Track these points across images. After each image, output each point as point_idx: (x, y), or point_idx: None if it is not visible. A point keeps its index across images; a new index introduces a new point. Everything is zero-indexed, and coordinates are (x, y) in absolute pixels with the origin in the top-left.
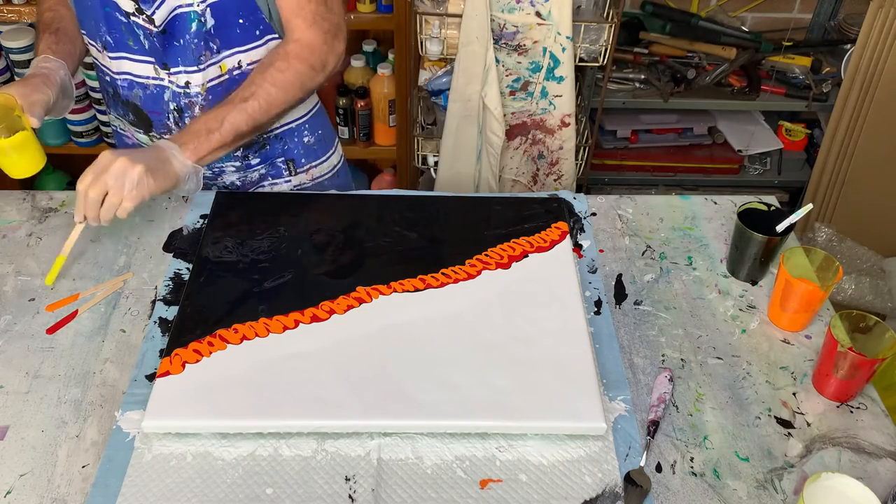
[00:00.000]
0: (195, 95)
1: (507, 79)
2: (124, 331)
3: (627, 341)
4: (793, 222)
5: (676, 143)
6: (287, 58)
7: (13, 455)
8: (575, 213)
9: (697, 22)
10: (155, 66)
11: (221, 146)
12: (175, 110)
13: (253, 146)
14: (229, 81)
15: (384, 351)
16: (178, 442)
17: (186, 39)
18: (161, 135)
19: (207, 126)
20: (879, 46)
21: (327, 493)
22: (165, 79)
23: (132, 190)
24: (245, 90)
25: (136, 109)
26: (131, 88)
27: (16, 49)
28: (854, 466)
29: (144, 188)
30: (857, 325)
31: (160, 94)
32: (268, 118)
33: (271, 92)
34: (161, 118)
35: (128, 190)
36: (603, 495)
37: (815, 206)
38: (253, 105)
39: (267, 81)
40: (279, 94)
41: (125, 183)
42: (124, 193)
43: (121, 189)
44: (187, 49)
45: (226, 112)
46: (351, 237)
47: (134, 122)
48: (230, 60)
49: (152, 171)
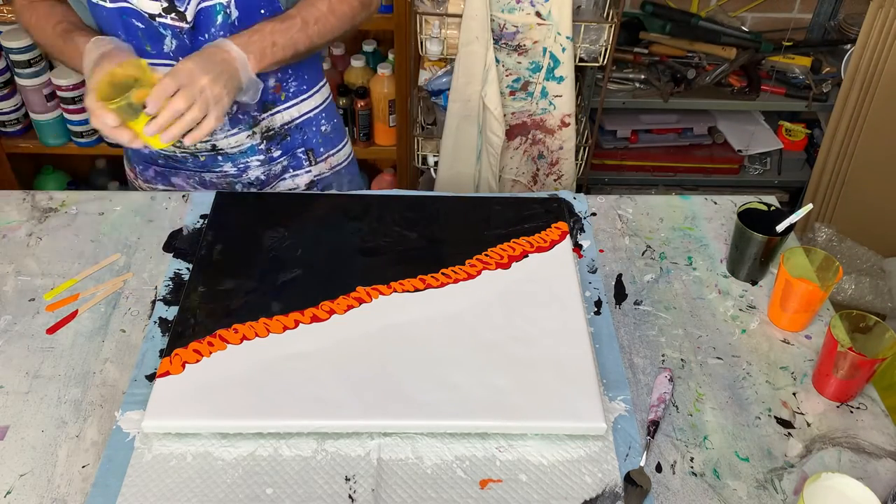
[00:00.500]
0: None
1: (507, 79)
2: (124, 331)
3: (627, 341)
4: (793, 222)
5: (676, 143)
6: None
7: (13, 455)
8: (575, 213)
9: (697, 22)
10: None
11: (279, 62)
12: None
13: (275, 139)
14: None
15: (384, 351)
16: (178, 442)
17: (212, 33)
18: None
19: (273, 38)
20: (879, 46)
21: (327, 493)
22: None
23: (215, 108)
24: (307, 11)
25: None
26: None
27: (16, 49)
28: (854, 466)
29: (223, 106)
30: (857, 325)
31: None
32: (321, 43)
33: (330, 20)
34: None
35: (212, 107)
36: (603, 495)
37: (815, 206)
38: (314, 29)
39: (327, 9)
40: (336, 22)
41: (210, 100)
42: (208, 111)
43: (205, 106)
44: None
45: (290, 28)
46: (351, 237)
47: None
48: None
49: (228, 87)
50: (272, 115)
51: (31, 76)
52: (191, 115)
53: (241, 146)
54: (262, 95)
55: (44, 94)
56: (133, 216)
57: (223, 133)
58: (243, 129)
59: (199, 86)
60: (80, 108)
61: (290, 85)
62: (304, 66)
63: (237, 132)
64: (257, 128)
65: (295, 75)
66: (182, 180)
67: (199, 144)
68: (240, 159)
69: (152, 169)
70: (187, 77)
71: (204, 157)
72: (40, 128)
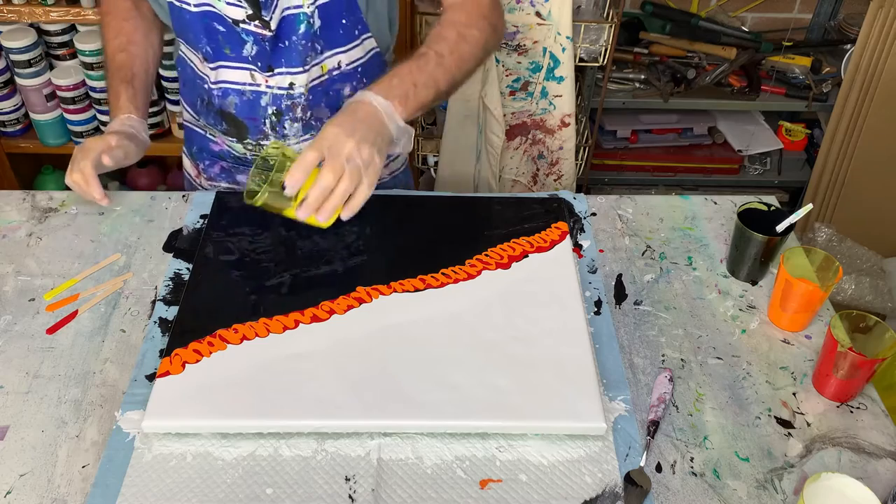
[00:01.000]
0: (298, 97)
1: (507, 79)
2: (124, 331)
3: (627, 341)
4: (793, 222)
5: (676, 143)
6: (468, 13)
7: (13, 455)
8: (575, 213)
9: (697, 22)
10: (252, 73)
11: (423, 104)
12: (273, 114)
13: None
14: (329, 81)
15: (384, 351)
16: (178, 442)
17: (293, 41)
18: (257, 141)
19: (413, 79)
20: (879, 46)
21: (327, 493)
22: (262, 84)
23: (368, 173)
24: (437, 44)
25: (230, 118)
26: (226, 97)
27: (16, 49)
28: (854, 466)
29: (376, 168)
30: (857, 325)
31: (257, 100)
32: (462, 76)
33: (464, 48)
34: (257, 124)
35: (364, 173)
36: (603, 495)
37: (815, 206)
38: (450, 60)
39: (456, 35)
40: (471, 49)
41: (360, 165)
42: (361, 178)
43: (357, 174)
44: (293, 51)
45: (426, 65)
46: (351, 237)
47: (226, 130)
48: (331, 61)
49: (378, 145)
50: None
51: (31, 76)
52: (342, 188)
53: None
54: (339, 104)
55: (44, 94)
56: (133, 216)
57: (295, 139)
58: (315, 135)
59: (345, 153)
60: (81, 108)
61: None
62: (376, 72)
63: (309, 138)
64: None
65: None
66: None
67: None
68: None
69: (219, 165)
70: (330, 145)
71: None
72: (40, 128)
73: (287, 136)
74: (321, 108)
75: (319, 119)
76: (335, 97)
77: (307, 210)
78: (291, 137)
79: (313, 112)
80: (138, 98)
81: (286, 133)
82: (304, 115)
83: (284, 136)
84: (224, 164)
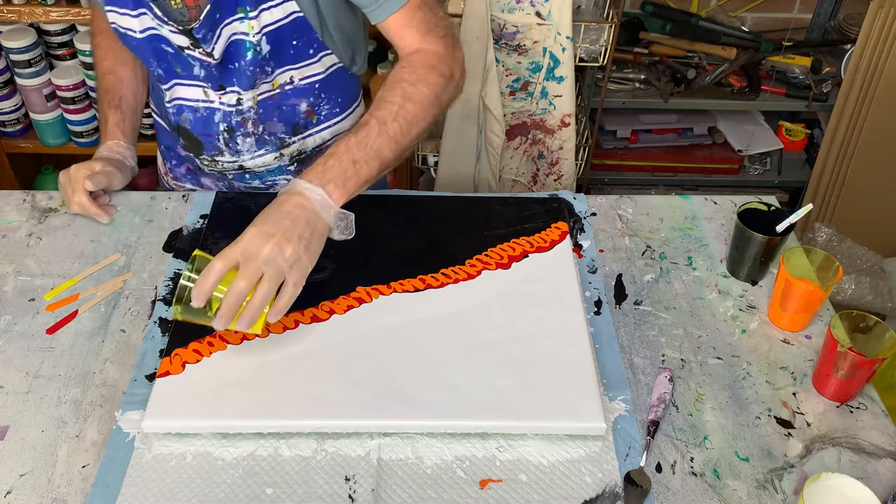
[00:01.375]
0: (247, 111)
1: (507, 79)
2: (124, 331)
3: (627, 341)
4: (793, 222)
5: (676, 143)
6: (414, 69)
7: (13, 455)
8: (575, 213)
9: (697, 22)
10: (204, 89)
11: (368, 179)
12: (225, 131)
13: (307, 161)
14: (281, 96)
15: (384, 351)
16: (178, 442)
17: (242, 65)
18: (212, 157)
19: (351, 156)
20: (879, 46)
21: (327, 493)
22: (216, 100)
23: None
24: (380, 110)
25: (186, 133)
26: (180, 113)
27: (16, 49)
28: (854, 466)
29: (303, 266)
30: (857, 325)
31: (210, 116)
32: (409, 140)
33: (409, 108)
34: (211, 140)
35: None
36: (603, 495)
37: (815, 206)
38: (394, 127)
39: (401, 97)
40: (418, 110)
41: (283, 265)
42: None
43: (277, 275)
44: (243, 74)
45: (367, 137)
46: (351, 237)
47: (184, 145)
48: (282, 77)
49: (307, 239)
50: (304, 139)
51: (31, 76)
52: (260, 293)
53: (268, 166)
54: (294, 119)
55: (44, 94)
56: (133, 216)
57: (249, 154)
58: (270, 150)
59: (262, 256)
60: (80, 107)
61: (323, 108)
62: (338, 88)
63: (264, 153)
64: (286, 150)
65: (327, 98)
66: (211, 182)
67: (226, 164)
68: (267, 177)
69: (184, 167)
70: (244, 249)
71: (231, 175)
72: (40, 128)
73: (241, 151)
74: (274, 123)
75: (273, 133)
76: (290, 112)
77: (220, 321)
78: (245, 153)
79: (265, 126)
80: (126, 123)
81: (240, 149)
82: (256, 130)
83: (238, 153)
84: (190, 166)
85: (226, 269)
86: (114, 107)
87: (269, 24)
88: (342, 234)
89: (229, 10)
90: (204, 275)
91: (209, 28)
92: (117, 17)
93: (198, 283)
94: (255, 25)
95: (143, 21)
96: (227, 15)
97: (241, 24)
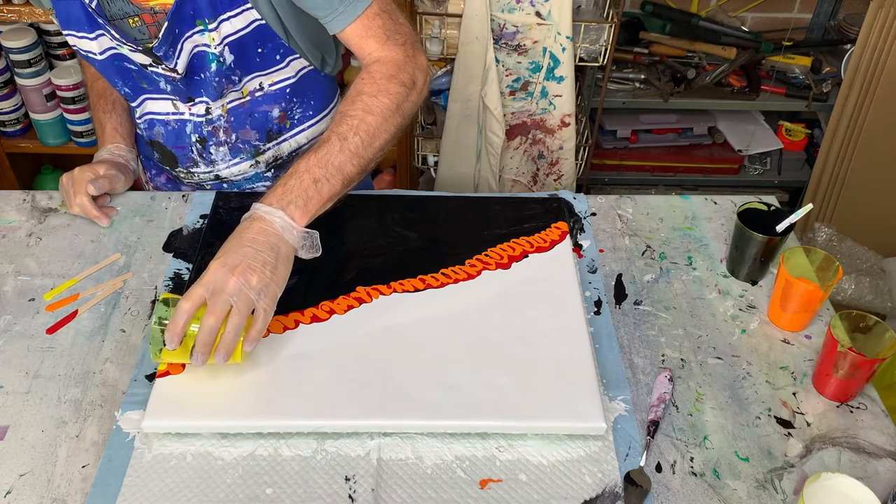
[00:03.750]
0: (217, 119)
1: (507, 79)
2: (124, 331)
3: (627, 341)
4: (793, 222)
5: (676, 143)
6: (374, 80)
7: (13, 455)
8: (575, 213)
9: (697, 22)
10: (174, 102)
11: (332, 196)
12: (198, 142)
13: (284, 166)
14: (251, 103)
15: (384, 351)
16: (178, 442)
17: (207, 76)
18: (188, 169)
19: (312, 175)
20: (879, 46)
21: (327, 493)
22: (186, 112)
23: (262, 299)
24: (340, 126)
25: (160, 147)
26: (152, 128)
27: (16, 49)
28: (854, 466)
29: (272, 291)
30: (857, 325)
31: (182, 129)
32: (372, 153)
33: (370, 121)
34: (185, 152)
35: (258, 301)
36: (603, 495)
37: (815, 206)
38: (355, 141)
39: (361, 111)
40: (379, 122)
41: (250, 295)
42: (255, 306)
43: (246, 306)
44: (209, 84)
45: (327, 154)
46: (351, 237)
47: (160, 159)
48: (251, 84)
49: (271, 264)
50: (278, 145)
51: (31, 76)
52: (231, 325)
53: (244, 174)
54: (267, 125)
55: (44, 94)
56: (133, 216)
57: (224, 163)
58: (245, 158)
59: (228, 289)
60: (80, 108)
61: (296, 112)
62: (311, 91)
63: (239, 161)
64: (262, 157)
65: (300, 102)
66: (191, 189)
67: (202, 175)
68: (245, 185)
69: (164, 175)
70: (208, 285)
71: (209, 186)
72: (40, 128)
73: (215, 161)
74: (246, 130)
75: (246, 141)
76: (262, 118)
77: (198, 357)
78: (220, 163)
79: (238, 135)
80: (123, 126)
81: (214, 159)
82: (229, 139)
83: (213, 162)
84: (169, 174)
85: (194, 308)
86: (108, 111)
87: (230, 35)
88: (309, 252)
89: (188, 23)
90: (174, 317)
91: (170, 44)
92: (76, 41)
93: (169, 325)
94: (216, 37)
95: (101, 42)
96: (186, 29)
97: (202, 36)
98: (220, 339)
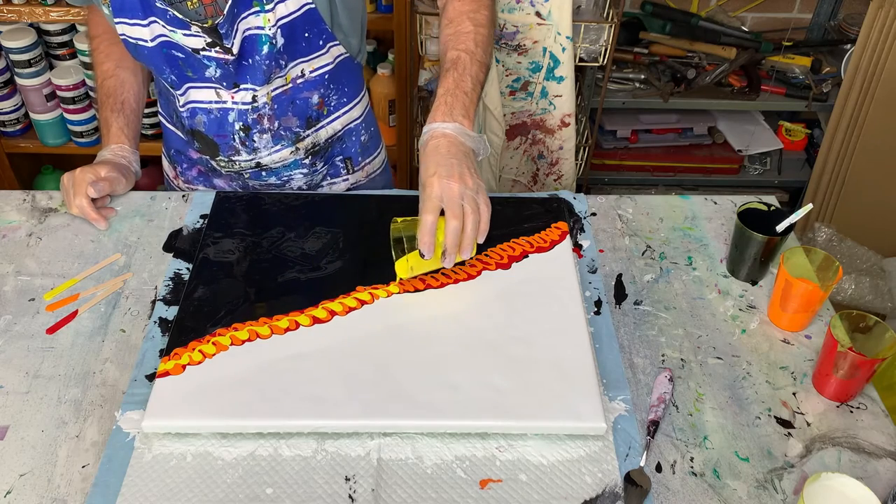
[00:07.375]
0: (262, 106)
1: (507, 79)
2: (124, 331)
3: (627, 341)
4: (793, 222)
5: (676, 143)
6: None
7: (13, 455)
8: (575, 213)
9: (697, 22)
10: (217, 91)
11: (476, 104)
12: (241, 129)
13: (320, 153)
14: (293, 90)
15: (384, 351)
16: (178, 442)
17: (257, 60)
18: (229, 157)
19: (462, 88)
20: (879, 46)
21: (327, 493)
22: (229, 100)
23: (480, 196)
24: (461, 43)
25: (200, 136)
26: (194, 116)
27: (16, 49)
28: (854, 466)
29: (484, 189)
30: (857, 325)
31: (224, 117)
32: (489, 60)
33: (482, 33)
34: (227, 140)
35: (480, 199)
36: (603, 495)
37: (815, 206)
38: (478, 52)
39: (472, 25)
40: (488, 32)
41: (473, 196)
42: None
43: (474, 206)
44: (258, 69)
45: (465, 69)
46: (351, 237)
47: (199, 149)
48: (294, 70)
49: (472, 167)
50: (317, 131)
51: (31, 76)
52: (470, 225)
53: (284, 161)
54: (307, 112)
55: (44, 94)
56: (133, 216)
57: (266, 151)
58: (286, 145)
59: (457, 196)
60: (80, 107)
61: (332, 99)
62: (345, 77)
63: (280, 149)
64: (301, 144)
65: (336, 88)
66: (225, 183)
67: (243, 163)
68: (283, 173)
69: (196, 169)
70: (441, 196)
71: (248, 174)
72: (40, 128)
73: (258, 149)
74: (288, 118)
75: (288, 128)
76: (302, 105)
77: (450, 259)
78: (262, 150)
79: (281, 122)
80: (129, 127)
81: (257, 146)
82: (272, 126)
83: (255, 150)
84: (201, 168)
85: (437, 218)
86: (116, 111)
87: (283, 17)
88: (483, 153)
89: (245, 4)
90: (423, 231)
91: (230, 24)
92: (127, 28)
93: (422, 238)
94: (271, 18)
95: (153, 29)
96: (243, 9)
97: (257, 17)
98: (463, 237)
